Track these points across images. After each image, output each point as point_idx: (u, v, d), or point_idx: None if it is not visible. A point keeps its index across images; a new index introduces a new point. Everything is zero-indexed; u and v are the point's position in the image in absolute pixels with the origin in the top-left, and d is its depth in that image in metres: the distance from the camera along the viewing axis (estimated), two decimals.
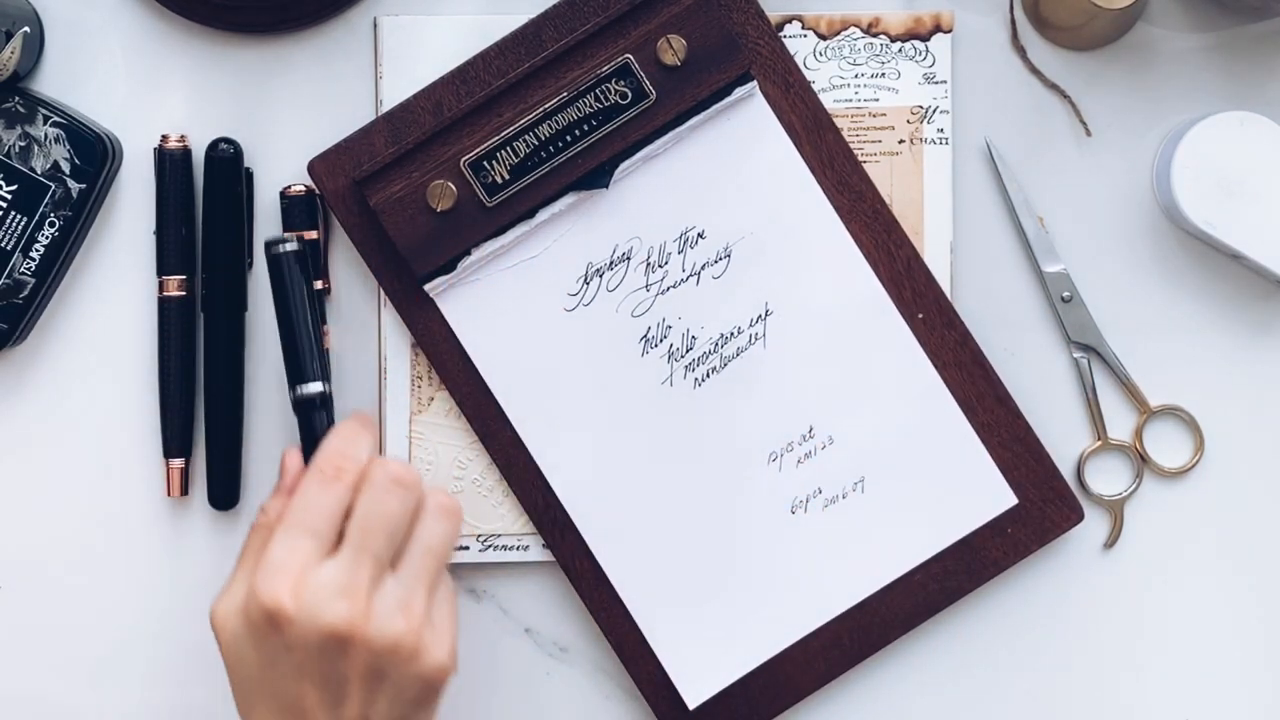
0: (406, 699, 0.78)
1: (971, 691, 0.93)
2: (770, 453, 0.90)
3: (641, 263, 0.89)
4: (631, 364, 0.89)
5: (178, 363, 0.89)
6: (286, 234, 0.88)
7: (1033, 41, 0.92)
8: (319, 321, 0.87)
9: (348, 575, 0.77)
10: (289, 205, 0.88)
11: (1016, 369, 0.92)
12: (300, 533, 0.77)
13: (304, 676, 0.76)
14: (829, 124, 0.89)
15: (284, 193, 0.88)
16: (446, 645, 0.79)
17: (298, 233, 0.88)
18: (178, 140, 0.88)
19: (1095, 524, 0.92)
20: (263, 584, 0.76)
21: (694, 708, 0.90)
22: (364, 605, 0.76)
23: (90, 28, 0.90)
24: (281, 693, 0.77)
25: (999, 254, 0.92)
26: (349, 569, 0.77)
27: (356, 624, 0.76)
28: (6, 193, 0.87)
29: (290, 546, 0.77)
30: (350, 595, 0.76)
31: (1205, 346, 0.92)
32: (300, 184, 0.88)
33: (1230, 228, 0.88)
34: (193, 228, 0.89)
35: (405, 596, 0.77)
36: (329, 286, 0.90)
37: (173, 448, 0.89)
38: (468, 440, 0.90)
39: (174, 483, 0.90)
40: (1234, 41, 0.92)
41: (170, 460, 0.89)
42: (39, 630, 0.91)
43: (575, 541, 0.90)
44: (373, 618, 0.76)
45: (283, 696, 0.77)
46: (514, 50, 0.88)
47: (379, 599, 0.77)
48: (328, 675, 0.76)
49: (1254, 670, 0.93)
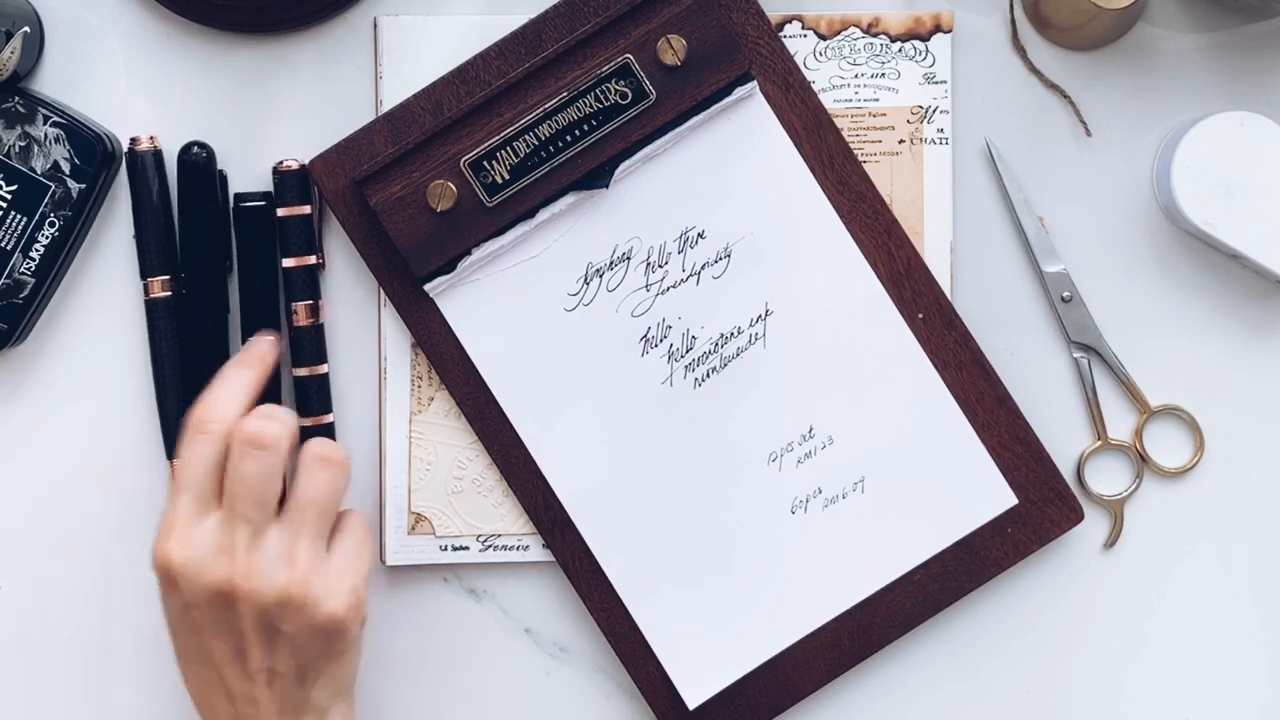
0: (307, 650, 0.80)
1: (971, 691, 0.93)
2: (770, 453, 0.90)
3: (641, 263, 0.89)
4: (631, 364, 0.89)
5: (172, 363, 0.89)
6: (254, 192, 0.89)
7: (1033, 41, 0.92)
8: (276, 282, 0.89)
9: (224, 534, 0.80)
10: (280, 180, 0.88)
11: (1016, 369, 0.92)
12: (182, 490, 0.81)
13: (205, 630, 0.80)
14: (829, 124, 0.89)
15: (276, 168, 0.88)
16: (343, 594, 0.80)
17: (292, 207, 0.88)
18: (148, 141, 0.88)
19: (1095, 524, 0.92)
20: (157, 543, 0.80)
21: (694, 708, 0.90)
22: (244, 561, 0.79)
23: (90, 28, 0.90)
24: (195, 645, 0.81)
25: (999, 254, 0.92)
26: (225, 528, 0.80)
27: (237, 580, 0.79)
28: (6, 193, 0.87)
29: (176, 504, 0.80)
30: (228, 552, 0.79)
31: (1205, 346, 0.92)
32: (293, 159, 0.88)
33: (1230, 228, 0.88)
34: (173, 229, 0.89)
35: (287, 548, 0.80)
36: (323, 262, 0.90)
37: (174, 449, 0.89)
38: (468, 440, 0.90)
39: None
40: (1234, 41, 0.92)
41: (173, 461, 0.89)
42: (39, 630, 0.91)
43: (575, 541, 0.90)
44: (253, 573, 0.79)
45: (197, 649, 0.81)
46: (514, 50, 0.88)
47: (259, 553, 0.79)
48: (224, 629, 0.80)
49: (1254, 670, 0.93)
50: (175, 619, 0.82)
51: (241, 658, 0.80)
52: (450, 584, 0.91)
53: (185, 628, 0.81)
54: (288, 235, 0.88)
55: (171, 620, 0.82)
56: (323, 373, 0.89)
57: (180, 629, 0.82)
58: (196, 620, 0.80)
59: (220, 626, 0.80)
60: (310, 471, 0.82)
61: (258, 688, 0.80)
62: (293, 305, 0.89)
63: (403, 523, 0.90)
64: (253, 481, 0.80)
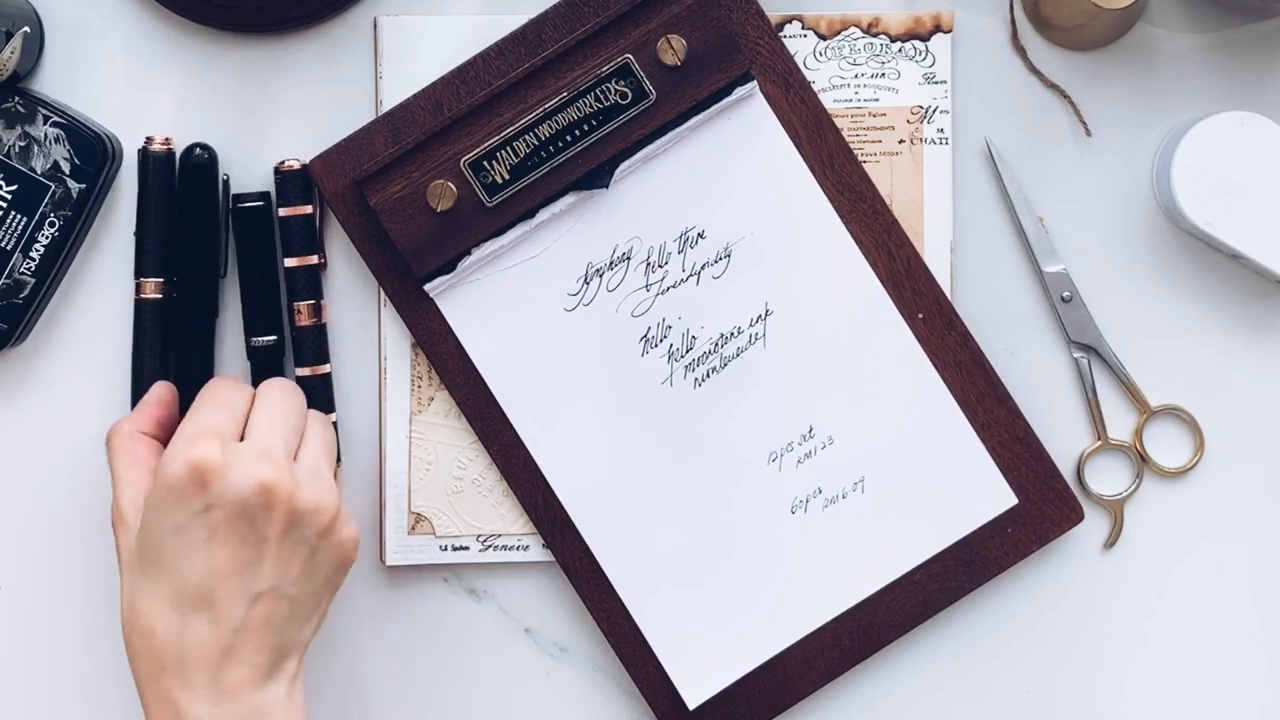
0: (321, 569, 0.81)
1: (971, 691, 0.93)
2: (770, 453, 0.90)
3: (641, 263, 0.89)
4: (631, 364, 0.89)
5: (152, 364, 0.88)
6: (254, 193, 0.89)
7: (1033, 41, 0.92)
8: (277, 282, 0.89)
9: (266, 445, 0.80)
10: (282, 180, 0.88)
11: (1016, 369, 0.92)
12: (217, 408, 0.81)
13: (218, 538, 0.78)
14: (829, 124, 0.89)
15: (277, 168, 0.88)
16: (356, 526, 0.83)
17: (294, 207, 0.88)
18: (162, 142, 0.88)
19: (1095, 524, 0.92)
20: (191, 444, 0.79)
21: (694, 708, 0.90)
22: (288, 469, 0.79)
23: (90, 28, 0.89)
24: (187, 568, 0.78)
25: (999, 254, 0.92)
26: (265, 441, 0.80)
27: (284, 480, 0.79)
28: (6, 193, 0.87)
29: (212, 417, 0.81)
30: (271, 457, 0.79)
31: (1205, 346, 0.92)
32: (295, 159, 0.88)
33: (1230, 228, 0.88)
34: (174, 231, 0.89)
35: (316, 467, 0.81)
36: (325, 262, 0.90)
37: None
38: (468, 440, 0.90)
39: None
40: (1234, 41, 0.92)
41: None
42: (39, 630, 0.91)
43: (575, 541, 0.90)
44: (295, 479, 0.79)
45: (187, 572, 0.78)
46: (514, 50, 0.88)
47: (297, 465, 0.81)
48: (245, 535, 0.78)
49: (1254, 670, 0.93)
50: (170, 533, 0.78)
51: (252, 567, 0.78)
52: (450, 584, 0.91)
53: (182, 541, 0.78)
54: (290, 235, 0.88)
55: (157, 540, 0.79)
56: (325, 372, 0.89)
57: (172, 545, 0.78)
58: (214, 523, 0.78)
59: (242, 531, 0.78)
60: (319, 420, 0.85)
61: (252, 612, 0.79)
62: (295, 305, 0.89)
63: (403, 523, 0.90)
64: (283, 404, 0.82)
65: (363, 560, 0.91)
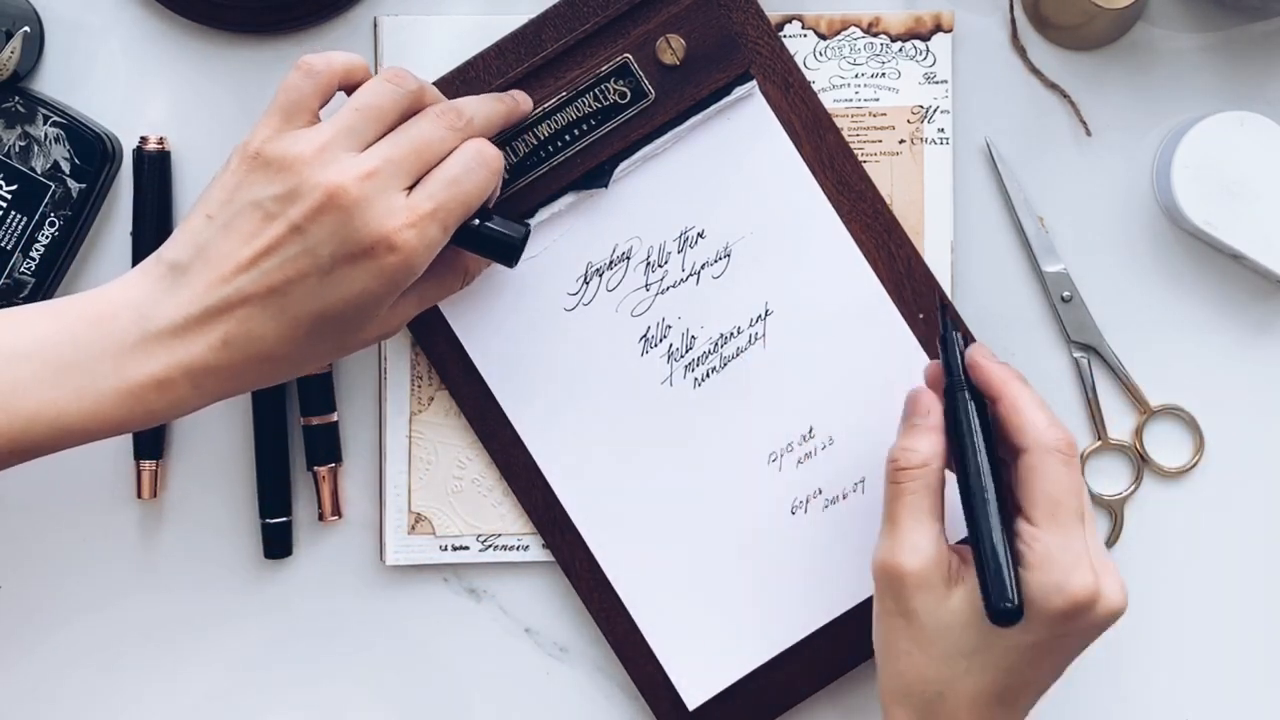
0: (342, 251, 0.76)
1: None
2: (770, 453, 0.90)
3: (641, 262, 0.89)
4: (631, 364, 0.89)
5: None
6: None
7: (1033, 41, 0.92)
8: None
9: (365, 158, 0.77)
10: None
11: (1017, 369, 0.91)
12: (348, 115, 0.78)
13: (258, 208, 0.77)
14: (829, 124, 0.89)
15: None
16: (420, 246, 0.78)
17: None
18: (157, 142, 0.88)
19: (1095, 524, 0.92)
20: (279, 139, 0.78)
21: (694, 708, 0.90)
22: (368, 182, 0.76)
23: (90, 28, 0.90)
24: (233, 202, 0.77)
25: (999, 254, 0.92)
26: (369, 155, 0.77)
27: (350, 187, 0.76)
28: (6, 193, 0.87)
29: (324, 126, 0.78)
30: (361, 169, 0.76)
31: (1205, 346, 0.92)
32: None
33: (1230, 228, 0.88)
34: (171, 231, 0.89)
35: (412, 209, 0.77)
36: None
37: (143, 449, 0.89)
38: (468, 440, 0.90)
39: (145, 484, 0.89)
40: (1234, 41, 0.92)
41: (141, 462, 0.89)
42: (39, 630, 0.91)
43: (575, 541, 0.90)
44: (373, 195, 0.76)
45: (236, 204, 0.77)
46: (514, 50, 0.88)
47: (385, 191, 0.77)
48: (274, 215, 0.77)
49: (1254, 670, 0.93)
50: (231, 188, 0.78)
51: (282, 212, 0.77)
52: (450, 584, 0.91)
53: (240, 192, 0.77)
54: None
55: (220, 192, 0.78)
56: (325, 372, 0.89)
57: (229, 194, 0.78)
58: (255, 197, 0.77)
59: (273, 213, 0.77)
60: (465, 157, 0.79)
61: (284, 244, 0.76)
62: None
63: (403, 522, 0.90)
64: (427, 142, 0.79)
65: (363, 560, 0.91)
